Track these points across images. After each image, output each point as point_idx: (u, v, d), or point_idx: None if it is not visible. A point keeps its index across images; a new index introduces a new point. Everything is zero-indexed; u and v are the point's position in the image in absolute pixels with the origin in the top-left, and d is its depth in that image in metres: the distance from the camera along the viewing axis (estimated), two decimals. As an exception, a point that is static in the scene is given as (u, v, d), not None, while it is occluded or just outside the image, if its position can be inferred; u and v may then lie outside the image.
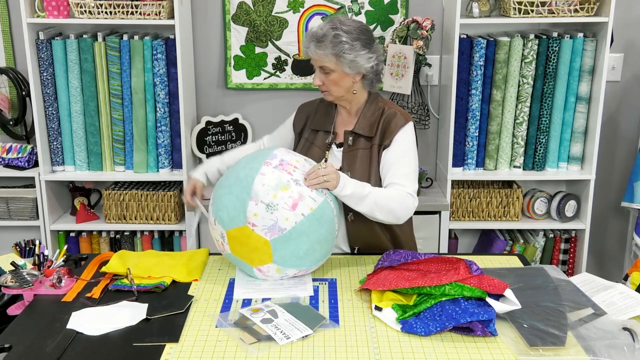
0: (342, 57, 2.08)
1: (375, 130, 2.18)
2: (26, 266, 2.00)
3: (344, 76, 2.13)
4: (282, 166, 1.92)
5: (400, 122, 2.16)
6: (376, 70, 2.18)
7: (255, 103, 3.47)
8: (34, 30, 3.11)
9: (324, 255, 1.98)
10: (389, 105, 2.23)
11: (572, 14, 3.04)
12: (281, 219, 1.84)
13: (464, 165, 3.32)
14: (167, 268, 2.02)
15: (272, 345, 1.62)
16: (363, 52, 2.10)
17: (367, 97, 2.24)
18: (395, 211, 2.07)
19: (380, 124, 2.18)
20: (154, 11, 3.06)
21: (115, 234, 3.39)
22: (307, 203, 1.88)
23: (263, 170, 1.89)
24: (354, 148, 2.19)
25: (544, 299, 1.80)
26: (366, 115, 2.20)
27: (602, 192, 3.54)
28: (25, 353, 1.59)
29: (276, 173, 1.89)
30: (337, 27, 2.08)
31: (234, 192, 1.90)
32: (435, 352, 1.60)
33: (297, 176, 1.91)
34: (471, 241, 3.63)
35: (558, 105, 3.20)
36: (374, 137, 2.18)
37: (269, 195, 1.85)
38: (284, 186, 1.87)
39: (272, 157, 1.95)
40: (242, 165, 1.96)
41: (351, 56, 2.08)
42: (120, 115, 3.22)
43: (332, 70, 2.11)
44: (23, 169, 3.30)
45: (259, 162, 1.92)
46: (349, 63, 2.09)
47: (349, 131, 2.21)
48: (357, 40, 2.09)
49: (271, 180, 1.87)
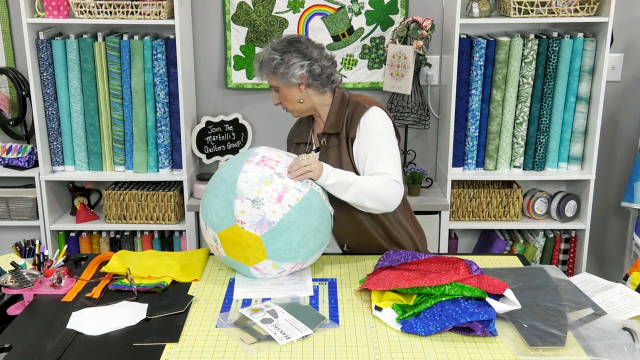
0: (276, 72, 2.18)
1: (340, 125, 2.21)
2: (26, 266, 2.00)
3: (288, 89, 2.21)
4: (264, 162, 1.95)
5: (361, 111, 2.18)
6: (313, 74, 2.19)
7: (255, 103, 3.47)
8: (34, 30, 3.11)
9: (319, 246, 1.99)
10: (353, 97, 2.26)
11: (572, 14, 3.04)
12: (268, 213, 1.86)
13: (464, 165, 3.32)
14: (167, 268, 2.02)
15: (272, 345, 1.62)
16: (293, 61, 2.16)
17: (330, 99, 2.26)
18: (382, 198, 2.08)
19: (345, 118, 2.21)
20: (154, 11, 3.06)
21: (115, 234, 3.39)
22: (293, 194, 1.90)
23: (245, 168, 1.92)
24: (328, 147, 2.23)
25: (544, 299, 1.80)
26: (333, 113, 2.24)
27: (602, 192, 3.54)
28: (25, 353, 1.59)
29: (258, 169, 1.92)
30: (269, 47, 2.20)
31: (220, 194, 1.92)
32: (435, 352, 1.60)
33: (280, 170, 1.94)
34: (471, 241, 3.63)
35: (558, 105, 3.20)
36: (341, 132, 2.21)
37: (254, 191, 1.87)
38: (267, 180, 1.90)
39: (253, 155, 1.98)
40: (226, 167, 2.00)
41: (281, 69, 2.16)
42: (120, 115, 3.22)
43: (277, 87, 2.22)
44: (23, 169, 3.30)
45: (241, 162, 1.96)
46: (282, 76, 2.17)
47: (320, 133, 2.26)
48: (286, 53, 2.17)
49: (254, 176, 1.90)
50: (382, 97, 3.37)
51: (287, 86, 2.20)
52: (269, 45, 2.22)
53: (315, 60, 2.18)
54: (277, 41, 2.22)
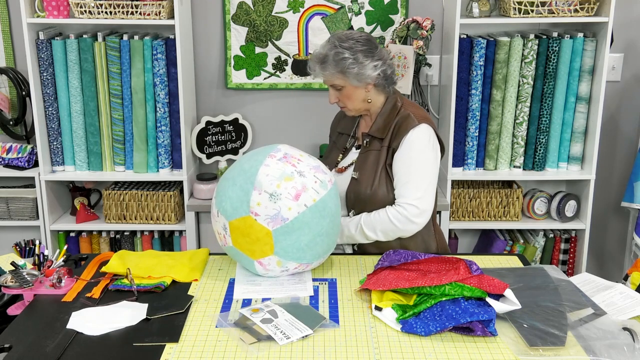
0: (347, 72, 2.12)
1: (387, 131, 2.20)
2: (26, 266, 2.00)
3: (354, 89, 2.17)
4: (286, 159, 1.93)
5: (411, 124, 2.16)
6: (385, 75, 2.19)
7: (255, 103, 3.47)
8: (34, 30, 3.11)
9: (325, 250, 1.99)
10: (407, 105, 2.24)
11: (572, 14, 3.04)
12: (284, 209, 1.85)
13: (464, 165, 3.32)
14: (167, 268, 2.02)
15: (272, 345, 1.62)
16: (367, 62, 2.13)
17: (384, 100, 2.25)
18: (394, 230, 2.15)
19: (393, 126, 2.19)
20: (154, 11, 3.06)
21: (115, 234, 3.39)
22: (310, 194, 1.89)
23: (267, 162, 1.91)
24: (368, 149, 2.22)
25: (544, 299, 1.80)
26: (382, 117, 2.22)
27: (602, 192, 3.54)
28: (25, 353, 1.59)
29: (280, 165, 1.90)
30: (337, 45, 2.12)
31: (237, 183, 1.91)
32: (435, 352, 1.60)
33: (301, 168, 1.92)
34: (471, 241, 3.63)
35: (558, 105, 3.20)
36: (385, 138, 2.20)
37: (273, 185, 1.86)
38: (288, 177, 1.88)
39: (276, 150, 1.97)
40: (247, 159, 1.98)
41: (355, 70, 2.12)
42: (120, 115, 3.22)
43: (342, 86, 2.17)
44: (23, 169, 3.30)
45: (264, 155, 1.94)
46: (355, 76, 2.13)
47: (365, 133, 2.25)
48: (359, 52, 2.13)
49: (275, 171, 1.88)
50: (382, 97, 3.37)
51: (355, 86, 2.17)
52: (333, 43, 2.14)
53: (385, 60, 2.18)
54: (342, 38, 2.15)
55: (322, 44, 2.19)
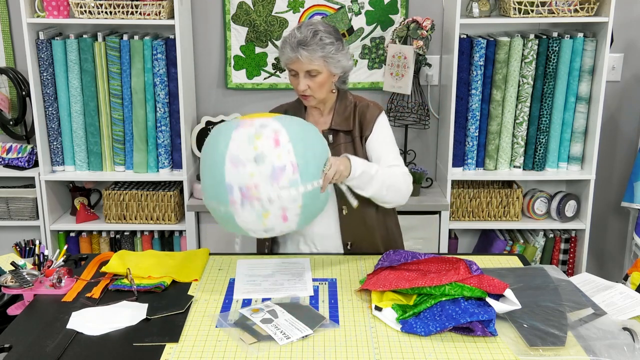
0: (330, 58, 2.11)
1: (352, 123, 2.22)
2: (26, 266, 2.00)
3: (329, 77, 2.16)
4: (242, 125, 1.84)
5: (375, 112, 2.23)
6: (349, 68, 2.23)
7: (255, 103, 3.46)
8: (34, 30, 3.11)
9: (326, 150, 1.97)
10: (359, 98, 2.28)
11: (572, 14, 3.04)
12: (275, 160, 1.78)
13: (464, 165, 3.32)
14: (167, 268, 2.03)
15: (272, 345, 1.62)
16: (344, 51, 2.15)
17: (337, 95, 2.27)
18: (402, 190, 2.14)
19: (356, 117, 2.22)
20: (154, 11, 3.06)
21: (115, 234, 3.39)
22: (284, 133, 1.82)
23: (233, 136, 1.81)
24: (336, 144, 2.22)
25: (544, 299, 1.80)
26: (339, 111, 2.23)
27: (602, 192, 3.54)
28: (25, 353, 1.59)
29: (240, 130, 1.82)
30: (318, 29, 2.09)
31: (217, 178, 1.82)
32: (435, 352, 1.60)
33: (260, 122, 1.84)
34: (471, 241, 3.63)
35: (558, 105, 3.20)
36: (353, 130, 2.21)
37: (250, 149, 1.78)
38: (257, 135, 1.80)
39: (230, 127, 1.87)
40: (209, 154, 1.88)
41: (337, 56, 2.12)
42: (120, 115, 3.22)
43: (319, 72, 2.11)
44: (23, 169, 3.30)
45: (226, 137, 1.84)
46: (335, 63, 2.13)
47: (327, 129, 2.24)
48: (338, 40, 2.14)
49: (242, 138, 1.80)
50: (382, 97, 3.37)
51: (332, 74, 2.15)
52: (312, 29, 2.07)
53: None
54: (322, 24, 2.13)
55: (295, 28, 2.12)
